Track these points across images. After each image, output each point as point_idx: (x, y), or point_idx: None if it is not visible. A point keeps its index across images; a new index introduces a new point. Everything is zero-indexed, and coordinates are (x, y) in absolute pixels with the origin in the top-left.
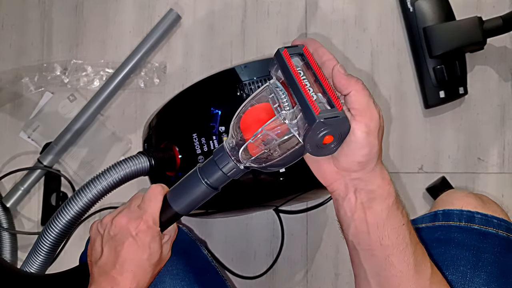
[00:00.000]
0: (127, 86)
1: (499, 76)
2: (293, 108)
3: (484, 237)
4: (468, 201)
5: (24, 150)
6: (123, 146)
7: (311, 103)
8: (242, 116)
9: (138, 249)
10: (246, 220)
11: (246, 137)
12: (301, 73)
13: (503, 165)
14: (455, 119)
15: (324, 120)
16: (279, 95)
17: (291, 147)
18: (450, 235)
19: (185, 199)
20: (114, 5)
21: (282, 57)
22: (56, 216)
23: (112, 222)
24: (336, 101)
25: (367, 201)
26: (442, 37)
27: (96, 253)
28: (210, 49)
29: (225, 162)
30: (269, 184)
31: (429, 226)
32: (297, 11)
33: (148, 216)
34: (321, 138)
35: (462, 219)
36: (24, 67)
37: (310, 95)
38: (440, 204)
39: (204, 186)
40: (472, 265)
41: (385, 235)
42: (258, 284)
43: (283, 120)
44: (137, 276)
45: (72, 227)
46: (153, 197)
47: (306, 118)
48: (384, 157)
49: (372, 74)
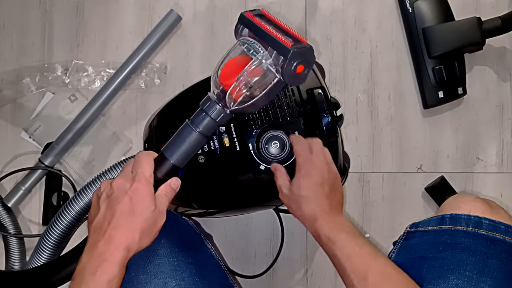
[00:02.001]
0: (128, 87)
1: (498, 77)
2: (266, 50)
3: (491, 243)
4: (476, 206)
5: (25, 150)
6: (124, 146)
7: (282, 41)
8: (222, 68)
9: (132, 205)
10: (246, 219)
11: (229, 84)
12: (266, 25)
13: (501, 165)
14: (454, 119)
15: (296, 50)
16: (252, 43)
17: (269, 83)
18: (457, 240)
19: (180, 149)
20: (114, 6)
21: (247, 18)
22: (58, 216)
23: (110, 184)
24: (300, 37)
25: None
26: (441, 38)
27: (94, 212)
28: (210, 49)
29: (213, 109)
30: (269, 184)
31: (435, 229)
32: (297, 11)
33: (140, 175)
34: (295, 68)
35: (469, 224)
36: (25, 68)
37: (279, 36)
38: (447, 208)
39: (196, 133)
40: (478, 270)
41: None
42: (258, 283)
43: (260, 61)
44: (127, 231)
45: (74, 227)
46: (142, 158)
47: (281, 52)
48: (384, 157)
49: (371, 74)
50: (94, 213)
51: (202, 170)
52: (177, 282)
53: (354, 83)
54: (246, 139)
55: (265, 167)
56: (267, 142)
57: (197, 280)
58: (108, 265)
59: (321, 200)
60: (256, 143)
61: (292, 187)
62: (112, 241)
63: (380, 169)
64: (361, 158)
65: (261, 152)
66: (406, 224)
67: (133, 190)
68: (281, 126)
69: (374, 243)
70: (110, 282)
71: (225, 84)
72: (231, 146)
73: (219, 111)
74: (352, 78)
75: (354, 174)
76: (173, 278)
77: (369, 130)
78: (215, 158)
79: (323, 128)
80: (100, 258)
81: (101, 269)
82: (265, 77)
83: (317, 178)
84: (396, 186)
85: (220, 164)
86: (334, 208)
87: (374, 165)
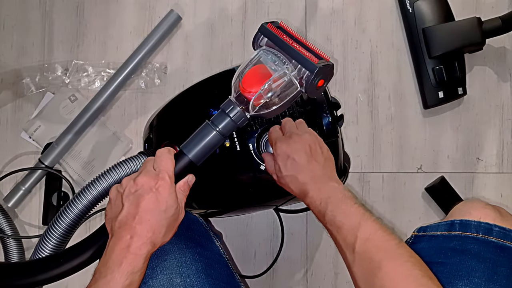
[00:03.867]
0: (128, 87)
1: (498, 77)
2: (290, 63)
3: (501, 250)
4: (486, 213)
5: (25, 150)
6: (124, 146)
7: (308, 57)
8: (245, 75)
9: (157, 202)
10: (246, 219)
11: (253, 91)
12: (287, 37)
13: (502, 165)
14: (454, 119)
15: (322, 67)
16: (277, 54)
17: (290, 93)
18: (466, 246)
19: (198, 146)
20: (114, 6)
21: (268, 29)
22: (58, 217)
23: (133, 181)
24: (322, 54)
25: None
26: (441, 38)
27: (116, 208)
28: (210, 49)
29: (234, 111)
30: (269, 184)
31: (444, 234)
32: (297, 12)
33: (164, 173)
34: (317, 82)
35: (479, 231)
36: (25, 68)
37: (304, 52)
38: (457, 214)
39: (215, 132)
40: (487, 277)
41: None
42: (258, 283)
43: (285, 72)
44: (153, 226)
45: (74, 228)
46: (163, 156)
47: (307, 68)
48: (384, 157)
49: (371, 75)
50: (117, 209)
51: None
52: (183, 278)
53: (354, 83)
54: (247, 139)
55: (265, 167)
56: (267, 142)
57: (203, 277)
58: (135, 258)
59: (304, 173)
60: (256, 143)
61: (277, 172)
62: (139, 236)
63: (380, 169)
64: (361, 158)
65: (261, 152)
66: (406, 224)
67: (158, 187)
68: None
69: None
70: (134, 274)
71: (248, 91)
72: (231, 146)
73: (240, 114)
74: (352, 78)
75: (354, 174)
76: (179, 275)
77: (369, 130)
78: (215, 158)
79: (323, 128)
80: (127, 251)
81: (127, 261)
82: (287, 88)
83: (291, 153)
84: (396, 186)
85: (220, 164)
86: (322, 176)
87: (374, 165)
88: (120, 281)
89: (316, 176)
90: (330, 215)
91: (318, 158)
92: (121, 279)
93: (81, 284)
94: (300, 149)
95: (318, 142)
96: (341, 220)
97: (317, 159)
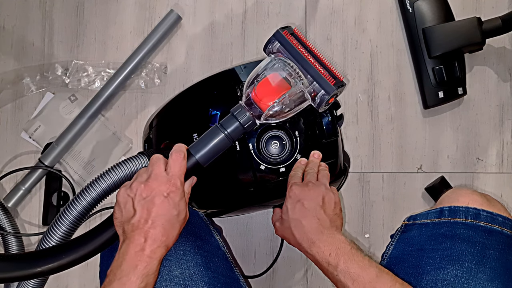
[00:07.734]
0: (128, 87)
1: (498, 77)
2: (305, 78)
3: (490, 234)
4: (473, 199)
5: (25, 150)
6: (124, 146)
7: (325, 77)
8: (258, 84)
9: (170, 207)
10: (246, 219)
11: (266, 102)
12: (303, 50)
13: (502, 165)
14: (454, 119)
15: (338, 89)
16: (292, 67)
17: (299, 104)
18: (456, 231)
19: (206, 148)
20: (114, 6)
21: (284, 37)
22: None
23: (143, 186)
24: (336, 73)
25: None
26: (441, 38)
27: (128, 213)
28: (210, 49)
29: (243, 115)
30: (269, 184)
31: (434, 222)
32: (297, 12)
33: (176, 179)
34: (328, 100)
35: (468, 216)
36: (25, 68)
37: (319, 69)
38: (446, 201)
39: (223, 136)
40: (477, 260)
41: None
42: (258, 283)
43: (300, 88)
44: (167, 230)
45: (74, 228)
46: (177, 162)
47: (324, 88)
48: (384, 157)
49: (371, 75)
50: (128, 214)
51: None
52: (182, 271)
53: (354, 83)
54: (246, 139)
55: (265, 167)
56: (267, 142)
57: (202, 270)
58: (150, 261)
59: (310, 220)
60: (256, 143)
61: (282, 215)
62: (153, 239)
63: (380, 169)
64: (361, 158)
65: (261, 152)
66: None
67: (170, 193)
68: (282, 126)
69: (374, 243)
70: (148, 276)
71: (261, 102)
72: (231, 146)
73: (248, 118)
74: (352, 78)
75: (354, 174)
76: (178, 267)
77: (369, 130)
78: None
79: (323, 127)
80: (141, 254)
81: (142, 264)
82: (299, 101)
83: (302, 198)
84: (396, 186)
85: (220, 164)
86: (329, 227)
87: (374, 165)
88: (136, 283)
89: (323, 227)
90: (344, 267)
91: (328, 211)
92: (136, 281)
93: (81, 283)
94: (312, 197)
95: (334, 198)
96: (356, 272)
97: (327, 212)
